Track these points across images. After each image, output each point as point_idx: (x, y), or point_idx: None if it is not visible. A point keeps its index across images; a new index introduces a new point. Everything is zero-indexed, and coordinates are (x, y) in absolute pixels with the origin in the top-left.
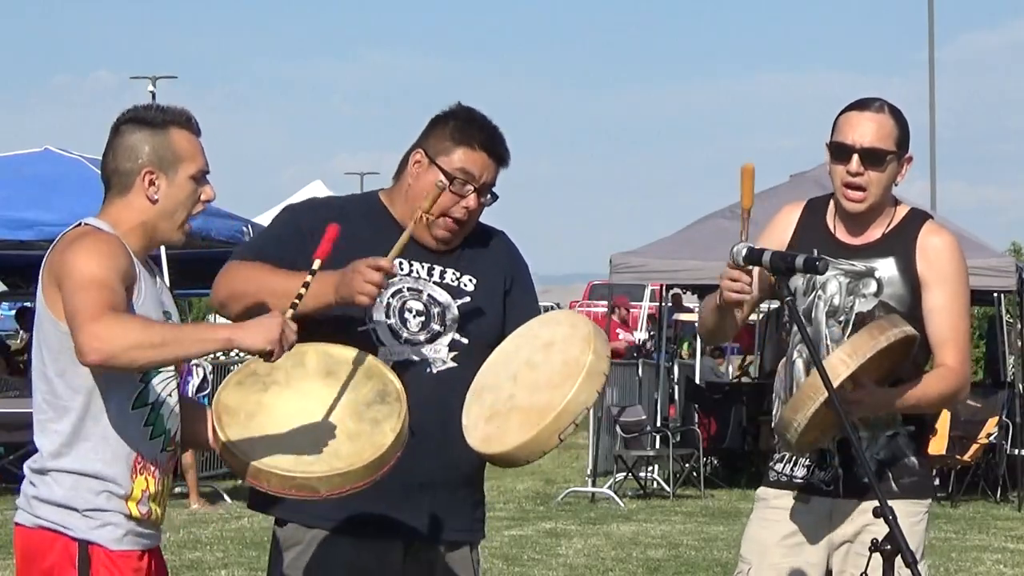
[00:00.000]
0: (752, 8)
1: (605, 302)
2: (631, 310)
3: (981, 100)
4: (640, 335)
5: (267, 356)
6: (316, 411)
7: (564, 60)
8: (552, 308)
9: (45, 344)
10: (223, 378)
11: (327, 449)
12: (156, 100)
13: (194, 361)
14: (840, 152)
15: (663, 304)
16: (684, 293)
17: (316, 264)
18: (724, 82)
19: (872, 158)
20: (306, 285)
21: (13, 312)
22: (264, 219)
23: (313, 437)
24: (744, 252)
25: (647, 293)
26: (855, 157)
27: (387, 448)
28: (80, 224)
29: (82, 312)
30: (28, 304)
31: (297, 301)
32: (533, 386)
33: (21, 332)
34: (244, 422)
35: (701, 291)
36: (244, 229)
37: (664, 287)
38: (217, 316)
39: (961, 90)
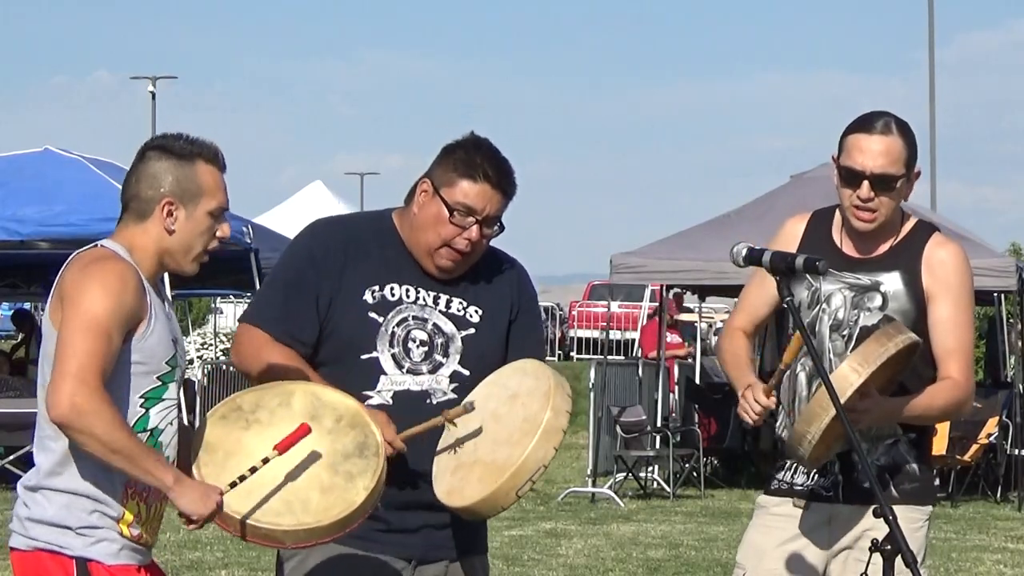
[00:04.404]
0: (752, 8)
1: (605, 302)
2: (677, 316)
3: (981, 100)
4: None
5: (188, 520)
6: (293, 457)
7: (564, 60)
8: (552, 308)
9: (49, 360)
10: (217, 378)
11: (297, 501)
12: (156, 100)
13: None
14: (850, 177)
15: (662, 304)
16: (684, 293)
17: (273, 454)
18: (724, 82)
19: (883, 184)
20: (253, 470)
21: (11, 313)
22: (264, 219)
23: (285, 486)
24: (744, 252)
25: (647, 293)
26: (865, 184)
27: (357, 507)
28: (96, 246)
29: (74, 362)
30: (26, 305)
31: (238, 481)
32: (495, 440)
33: (21, 335)
34: (221, 461)
35: (701, 291)
36: (244, 229)
37: (664, 287)
38: (218, 316)
39: (961, 90)
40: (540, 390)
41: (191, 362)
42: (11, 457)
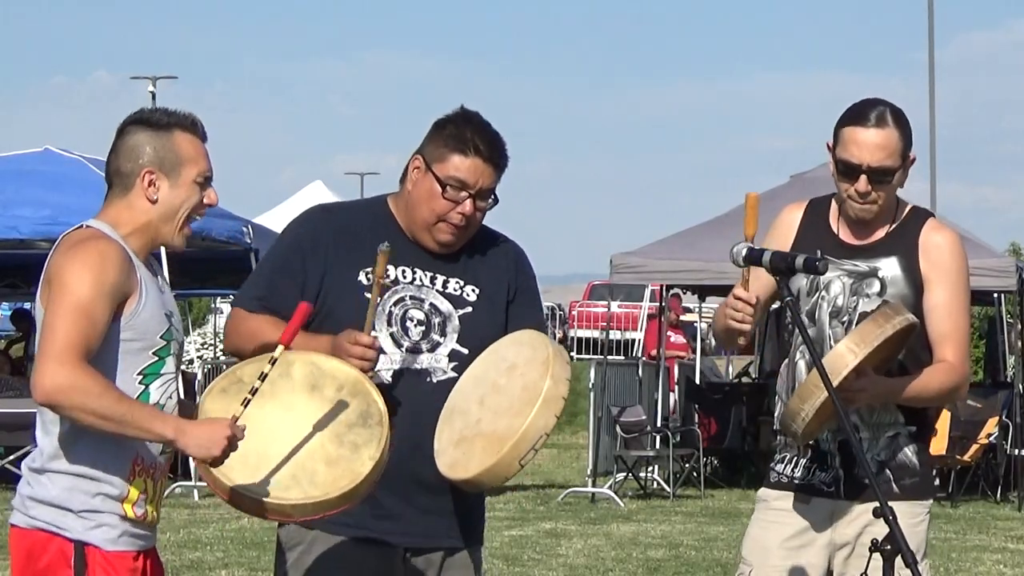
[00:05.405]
0: (752, 8)
1: (605, 302)
2: (681, 316)
3: (981, 100)
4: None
5: (209, 462)
6: (297, 429)
7: (564, 60)
8: (552, 308)
9: None
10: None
11: (303, 474)
12: (156, 100)
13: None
14: (847, 170)
15: (663, 304)
16: (684, 293)
17: (279, 351)
18: (724, 82)
19: (880, 176)
20: (263, 376)
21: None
22: (264, 219)
23: (290, 459)
24: (744, 252)
25: (647, 293)
26: (863, 178)
27: (363, 478)
28: (82, 226)
29: (53, 344)
30: (26, 305)
31: (250, 397)
32: (496, 411)
33: (20, 333)
34: None
35: (701, 291)
36: (244, 229)
37: (664, 287)
38: (218, 316)
39: (961, 90)
40: (538, 359)
41: (191, 362)
42: (11, 457)
